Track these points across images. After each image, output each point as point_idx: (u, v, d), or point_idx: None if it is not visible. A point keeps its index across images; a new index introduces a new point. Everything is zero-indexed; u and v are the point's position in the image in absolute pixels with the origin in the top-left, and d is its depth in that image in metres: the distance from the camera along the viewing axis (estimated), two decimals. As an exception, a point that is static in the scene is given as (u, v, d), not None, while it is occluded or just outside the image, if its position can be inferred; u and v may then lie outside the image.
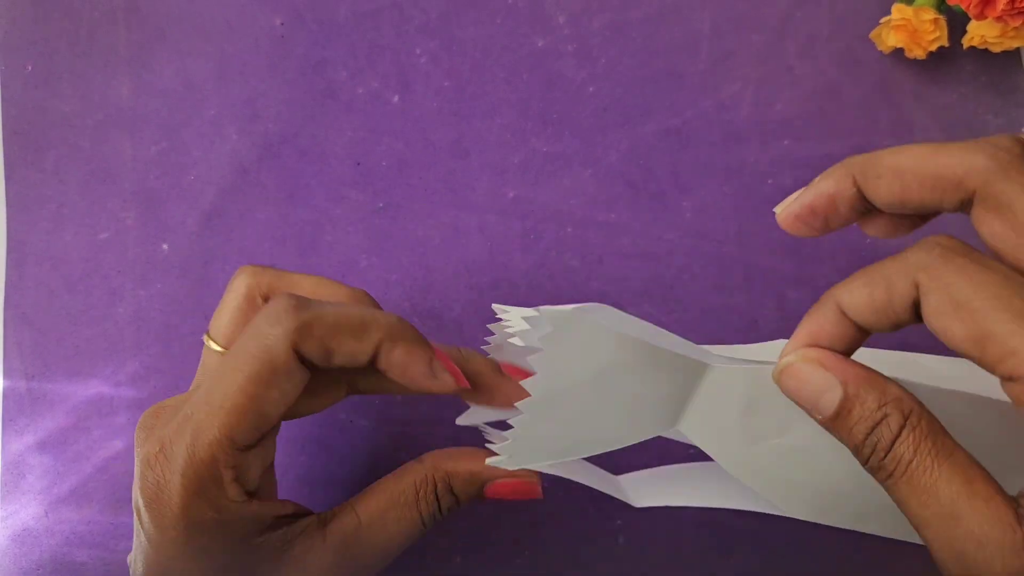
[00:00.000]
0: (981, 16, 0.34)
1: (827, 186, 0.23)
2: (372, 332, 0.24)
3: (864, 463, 0.21)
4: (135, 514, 0.24)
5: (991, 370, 0.19)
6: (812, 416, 0.21)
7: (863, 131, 0.37)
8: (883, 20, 0.36)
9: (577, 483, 0.34)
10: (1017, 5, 0.33)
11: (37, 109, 0.38)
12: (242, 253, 0.37)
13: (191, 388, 0.28)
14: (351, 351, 0.24)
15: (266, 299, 0.28)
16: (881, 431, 0.20)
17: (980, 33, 0.35)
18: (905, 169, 0.21)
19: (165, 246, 0.37)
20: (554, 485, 0.35)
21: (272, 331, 0.23)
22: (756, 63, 0.38)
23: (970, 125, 0.37)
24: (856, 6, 0.38)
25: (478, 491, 0.27)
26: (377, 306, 0.29)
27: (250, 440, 0.23)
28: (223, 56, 0.39)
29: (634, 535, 0.35)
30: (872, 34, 0.37)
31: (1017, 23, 0.33)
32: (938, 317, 0.19)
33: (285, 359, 0.23)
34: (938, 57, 0.37)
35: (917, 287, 0.19)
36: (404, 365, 0.25)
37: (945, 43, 0.35)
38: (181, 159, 0.38)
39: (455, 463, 0.26)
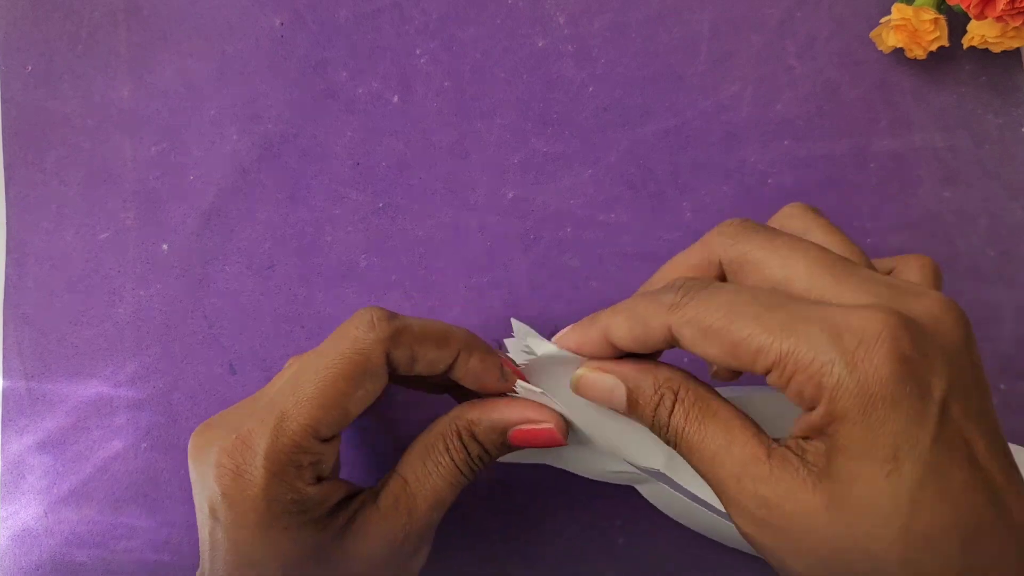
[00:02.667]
0: (981, 16, 0.34)
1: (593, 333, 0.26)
2: (452, 342, 0.27)
3: (664, 441, 0.24)
4: (207, 513, 0.25)
5: (752, 372, 0.21)
6: (618, 412, 0.25)
7: (863, 131, 0.37)
8: (883, 20, 0.36)
9: (576, 484, 0.34)
10: (1017, 5, 0.33)
11: (37, 110, 0.38)
12: (242, 253, 0.37)
13: (249, 398, 0.28)
14: (433, 359, 0.27)
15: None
16: (661, 410, 0.24)
17: (980, 33, 0.35)
18: (663, 279, 0.26)
19: (165, 246, 0.37)
20: (554, 486, 0.35)
21: (367, 336, 0.25)
22: (756, 63, 0.38)
23: (970, 125, 0.37)
24: (856, 6, 0.38)
25: (501, 438, 0.28)
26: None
27: (331, 433, 0.25)
28: (223, 57, 0.39)
29: (634, 535, 0.35)
30: (872, 34, 0.37)
31: (1017, 23, 0.33)
32: (694, 346, 0.22)
33: (378, 362, 0.25)
34: (938, 57, 0.37)
35: (669, 328, 0.22)
36: (480, 372, 0.27)
37: (945, 43, 0.35)
38: (181, 159, 0.38)
39: (477, 411, 0.28)
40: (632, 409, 0.24)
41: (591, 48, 0.38)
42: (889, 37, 0.36)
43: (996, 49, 0.35)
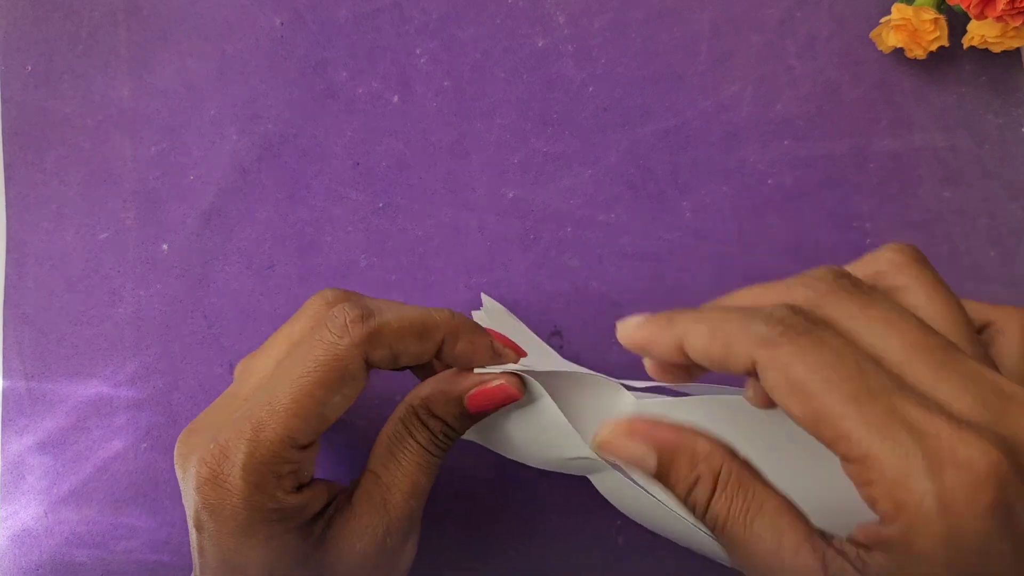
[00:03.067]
0: (981, 16, 0.34)
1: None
2: (434, 332, 0.26)
3: (700, 522, 0.22)
4: (194, 521, 0.25)
5: (828, 447, 0.19)
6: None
7: (863, 131, 0.37)
8: (883, 20, 0.36)
9: (577, 484, 0.34)
10: (1017, 5, 0.33)
11: (37, 109, 0.38)
12: (242, 253, 0.37)
13: (220, 397, 0.28)
14: (416, 352, 0.26)
15: None
16: (697, 492, 0.21)
17: (980, 33, 0.35)
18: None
19: (165, 246, 0.37)
20: (554, 486, 0.35)
21: (341, 341, 0.24)
22: (756, 63, 0.38)
23: (970, 125, 0.37)
24: (856, 6, 0.38)
25: (460, 408, 0.28)
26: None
27: (309, 440, 0.25)
28: (223, 56, 0.39)
29: (634, 535, 0.35)
30: (872, 34, 0.37)
31: (1017, 23, 0.33)
32: (775, 392, 0.20)
33: (355, 367, 0.24)
34: (938, 57, 0.37)
35: (755, 363, 0.20)
36: (470, 354, 0.27)
37: (945, 43, 0.35)
38: (181, 159, 0.38)
39: (429, 386, 0.28)
40: (663, 479, 0.22)
41: (591, 48, 0.38)
42: (889, 37, 0.36)
43: (996, 49, 0.35)
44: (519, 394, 0.27)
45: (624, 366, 0.35)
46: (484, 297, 0.29)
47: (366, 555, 0.26)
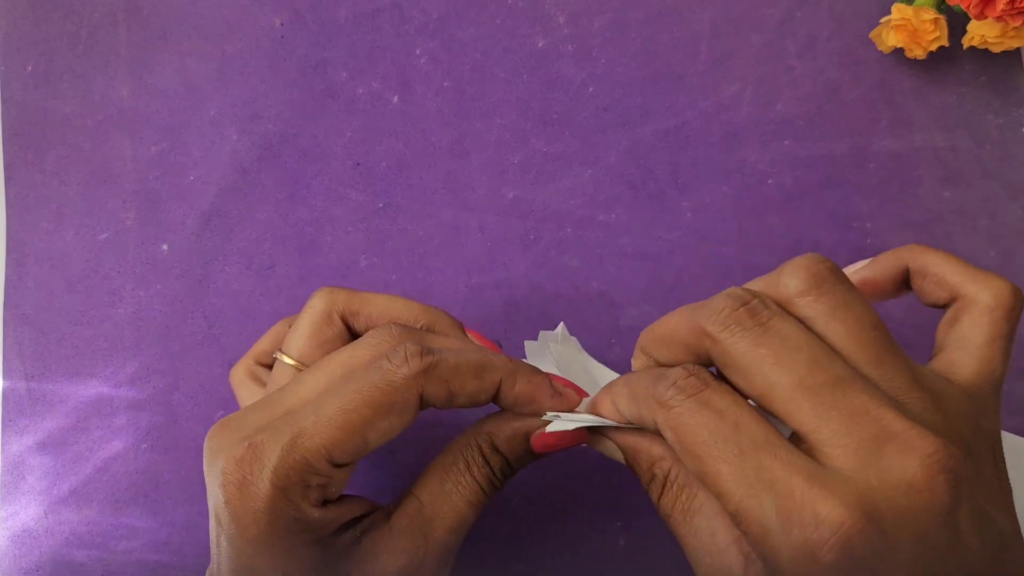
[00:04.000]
0: (981, 16, 0.34)
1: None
2: (492, 373, 0.26)
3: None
4: (213, 518, 0.25)
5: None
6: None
7: (863, 131, 0.37)
8: (883, 20, 0.36)
9: (577, 485, 0.34)
10: (1017, 5, 0.33)
11: (37, 110, 0.38)
12: (242, 253, 0.37)
13: (262, 399, 0.27)
14: (473, 391, 0.25)
15: (343, 317, 0.29)
16: (652, 487, 0.24)
17: (980, 33, 0.35)
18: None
19: (165, 246, 0.37)
20: (554, 486, 0.35)
21: (399, 370, 0.24)
22: (756, 63, 0.38)
23: (970, 125, 0.37)
24: (856, 6, 0.38)
25: (524, 446, 0.27)
26: (456, 323, 0.30)
27: (346, 460, 0.24)
28: (223, 56, 0.39)
29: (635, 536, 0.35)
30: (872, 34, 0.37)
31: (1017, 23, 0.33)
32: (674, 448, 0.22)
33: (409, 397, 0.24)
34: (938, 57, 0.37)
35: (656, 423, 0.23)
36: (531, 396, 0.26)
37: (945, 43, 0.35)
38: (181, 159, 0.38)
39: (495, 422, 0.27)
40: (630, 468, 0.26)
41: (591, 48, 0.38)
42: (889, 37, 0.36)
43: (996, 49, 0.35)
44: (587, 439, 0.27)
45: (623, 363, 0.35)
46: (542, 333, 0.29)
47: None
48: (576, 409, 0.27)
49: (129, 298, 0.37)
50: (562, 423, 0.26)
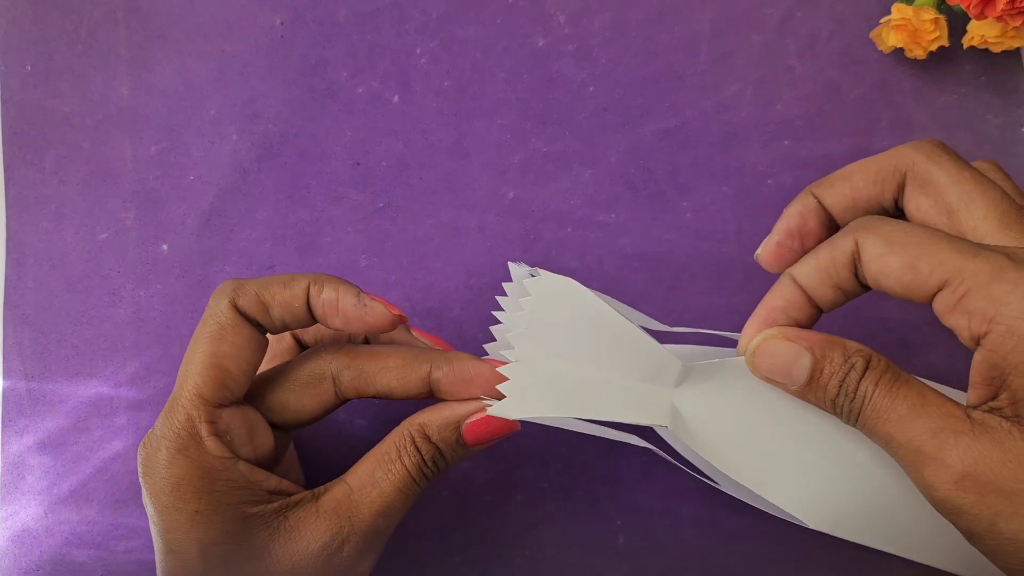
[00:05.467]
0: (981, 16, 0.34)
1: (794, 208, 0.27)
2: (299, 280, 0.27)
3: (839, 413, 0.24)
4: (147, 514, 0.26)
5: (919, 293, 0.22)
6: (787, 389, 0.25)
7: (863, 131, 0.37)
8: (883, 20, 0.36)
9: (577, 483, 0.34)
10: (1017, 5, 0.33)
11: (37, 109, 0.38)
12: (242, 253, 0.37)
13: None
14: (284, 300, 0.26)
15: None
16: (851, 377, 0.23)
17: (980, 33, 0.35)
18: (850, 172, 0.26)
19: (165, 246, 0.37)
20: (554, 485, 0.35)
21: (216, 302, 0.26)
22: (756, 63, 0.38)
23: (970, 125, 0.37)
24: (856, 6, 0.38)
25: (455, 436, 0.27)
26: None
27: (219, 396, 0.26)
28: (223, 56, 0.38)
29: (634, 535, 0.35)
30: (872, 34, 0.37)
31: (1017, 23, 0.33)
32: (876, 259, 0.23)
33: (229, 315, 0.26)
34: (938, 57, 0.37)
35: (856, 242, 0.23)
36: (333, 301, 0.26)
37: (945, 43, 0.35)
38: (181, 159, 0.38)
39: (427, 413, 0.28)
40: (812, 383, 0.24)
41: (591, 48, 0.38)
42: (889, 37, 0.36)
43: (996, 49, 0.35)
44: (518, 428, 0.27)
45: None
46: (511, 265, 0.28)
47: (317, 556, 0.26)
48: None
49: (129, 298, 0.37)
50: (506, 408, 0.26)
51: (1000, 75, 0.38)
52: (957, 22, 0.37)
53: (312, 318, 0.27)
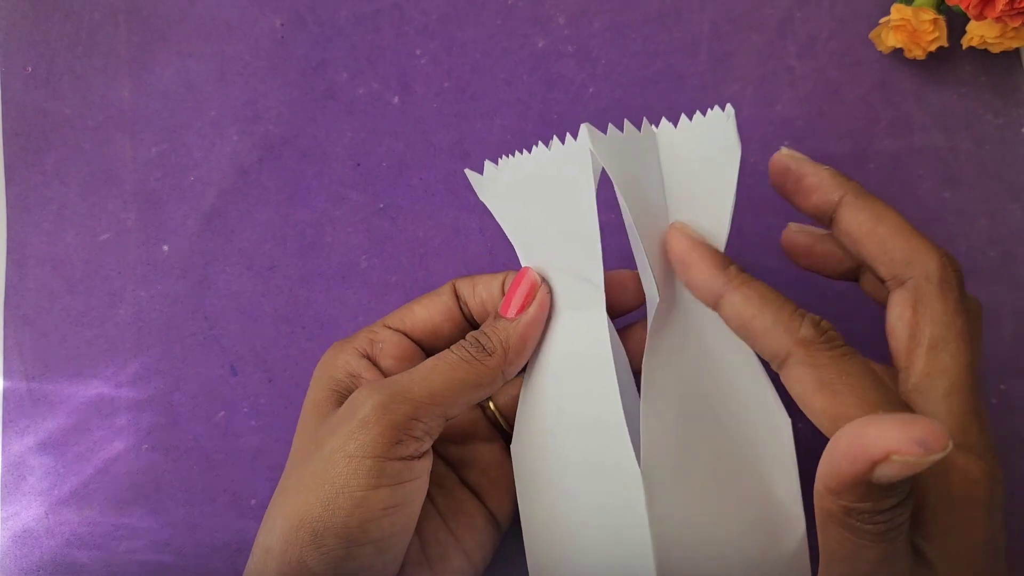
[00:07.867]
0: (980, 16, 0.34)
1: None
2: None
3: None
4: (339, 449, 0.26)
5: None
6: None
7: (863, 131, 0.37)
8: (883, 20, 0.36)
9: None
10: (1016, 5, 0.33)
11: (37, 111, 0.38)
12: (242, 254, 0.37)
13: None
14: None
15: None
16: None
17: (979, 33, 0.35)
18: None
19: (166, 247, 0.37)
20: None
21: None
22: (756, 63, 0.38)
23: (970, 125, 0.37)
24: (856, 6, 0.38)
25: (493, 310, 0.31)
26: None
27: (447, 416, 0.27)
28: (223, 57, 0.39)
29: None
30: (872, 34, 0.37)
31: (1016, 23, 0.33)
32: (800, 385, 0.23)
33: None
34: (938, 57, 0.37)
35: (789, 355, 0.23)
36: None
37: (945, 43, 0.35)
38: (182, 160, 0.38)
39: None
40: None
41: (591, 48, 0.38)
42: (889, 37, 0.36)
43: (996, 49, 0.35)
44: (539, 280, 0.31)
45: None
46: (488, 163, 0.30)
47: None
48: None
49: (130, 299, 0.37)
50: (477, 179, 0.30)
51: (1000, 75, 0.38)
52: (956, 23, 0.37)
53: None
